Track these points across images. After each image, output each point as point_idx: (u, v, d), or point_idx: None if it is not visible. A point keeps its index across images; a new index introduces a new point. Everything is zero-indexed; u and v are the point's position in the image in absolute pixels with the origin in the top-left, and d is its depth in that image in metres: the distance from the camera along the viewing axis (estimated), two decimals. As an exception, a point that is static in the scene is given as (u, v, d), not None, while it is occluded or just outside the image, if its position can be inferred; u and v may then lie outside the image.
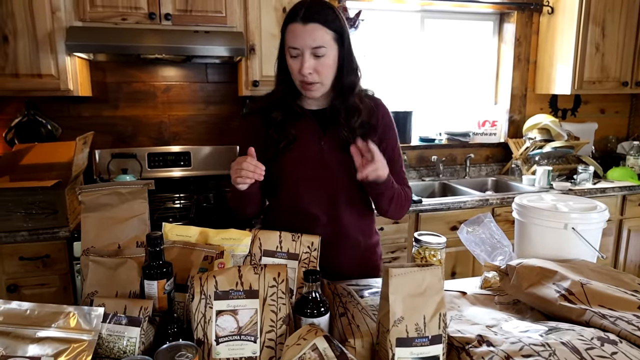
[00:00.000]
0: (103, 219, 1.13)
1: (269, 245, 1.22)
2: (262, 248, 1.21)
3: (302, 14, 1.26)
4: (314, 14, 1.27)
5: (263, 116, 1.43)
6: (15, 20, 2.17)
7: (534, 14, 3.35)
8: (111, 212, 1.14)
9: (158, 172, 2.75)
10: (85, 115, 2.70)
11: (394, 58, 3.25)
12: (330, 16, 1.29)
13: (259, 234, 1.22)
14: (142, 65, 2.74)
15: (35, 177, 2.13)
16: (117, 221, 1.13)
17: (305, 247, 1.22)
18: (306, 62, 1.28)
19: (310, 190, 1.43)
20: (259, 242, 1.21)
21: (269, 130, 1.41)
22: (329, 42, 1.29)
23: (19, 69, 2.22)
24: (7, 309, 0.93)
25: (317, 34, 1.27)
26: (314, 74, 1.31)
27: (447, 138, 3.38)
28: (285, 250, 1.21)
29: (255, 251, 1.21)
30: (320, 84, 1.34)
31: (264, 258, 1.21)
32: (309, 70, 1.29)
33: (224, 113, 2.91)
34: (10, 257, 2.06)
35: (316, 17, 1.27)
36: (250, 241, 1.21)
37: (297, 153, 1.41)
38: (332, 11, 1.30)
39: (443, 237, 1.40)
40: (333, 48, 1.31)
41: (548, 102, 3.55)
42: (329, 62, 1.31)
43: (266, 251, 1.21)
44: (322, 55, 1.29)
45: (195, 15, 2.37)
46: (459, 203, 2.63)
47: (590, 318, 0.98)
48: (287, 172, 1.43)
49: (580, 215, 1.33)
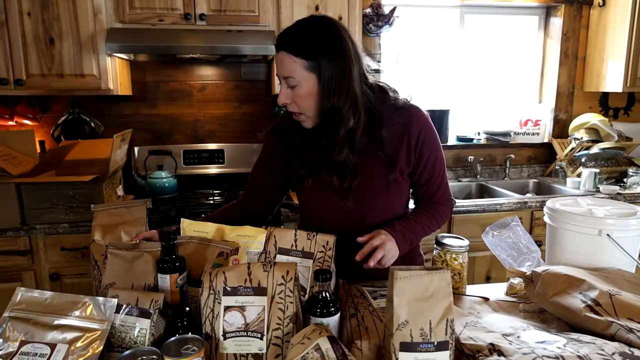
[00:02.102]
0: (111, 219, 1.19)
1: (284, 243, 1.21)
2: (277, 246, 1.21)
3: (277, 39, 1.17)
4: (284, 40, 1.16)
5: (282, 139, 1.34)
6: (60, 23, 2.28)
7: (584, 7, 3.18)
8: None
9: (193, 169, 2.81)
10: (125, 114, 2.80)
11: (431, 55, 3.18)
12: (304, 41, 1.14)
13: (275, 232, 1.22)
14: (179, 65, 2.81)
15: (78, 172, 2.23)
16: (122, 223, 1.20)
17: (320, 246, 1.21)
18: (281, 92, 1.19)
19: (336, 217, 1.33)
20: (274, 239, 1.22)
21: (287, 155, 1.33)
22: (299, 72, 1.15)
23: (64, 69, 2.32)
24: (29, 297, 0.97)
25: (285, 62, 1.16)
26: (293, 105, 1.21)
27: (486, 138, 3.27)
28: (300, 249, 1.21)
29: (270, 249, 1.21)
30: (303, 114, 1.22)
31: (279, 256, 1.21)
32: (284, 100, 1.20)
33: (257, 111, 2.94)
34: (53, 248, 2.17)
35: (284, 45, 1.15)
36: (266, 238, 1.21)
37: (319, 184, 1.31)
38: (310, 34, 1.15)
39: (466, 240, 1.36)
40: (306, 78, 1.16)
41: (598, 101, 3.37)
42: (302, 92, 1.17)
43: (281, 249, 1.21)
44: (293, 86, 1.17)
45: (229, 15, 2.41)
46: (494, 205, 2.54)
47: (616, 331, 0.92)
48: (309, 201, 1.40)
49: (616, 221, 1.25)
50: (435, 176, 1.36)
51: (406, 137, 1.28)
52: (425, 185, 1.37)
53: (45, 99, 2.66)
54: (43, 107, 2.68)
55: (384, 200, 1.32)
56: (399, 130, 1.27)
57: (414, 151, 1.29)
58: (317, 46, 1.14)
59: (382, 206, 1.33)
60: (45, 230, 2.13)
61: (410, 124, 1.28)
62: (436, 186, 1.38)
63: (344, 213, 1.31)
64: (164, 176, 2.59)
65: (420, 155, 1.31)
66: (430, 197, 1.40)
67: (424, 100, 3.12)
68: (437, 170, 1.35)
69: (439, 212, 1.38)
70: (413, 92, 1.32)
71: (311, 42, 1.14)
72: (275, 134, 1.38)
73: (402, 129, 1.27)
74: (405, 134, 1.27)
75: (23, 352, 0.89)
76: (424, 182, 1.36)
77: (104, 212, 1.30)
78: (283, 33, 1.18)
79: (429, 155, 1.32)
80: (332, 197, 1.30)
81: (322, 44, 1.14)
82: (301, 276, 1.18)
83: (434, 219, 1.36)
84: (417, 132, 1.28)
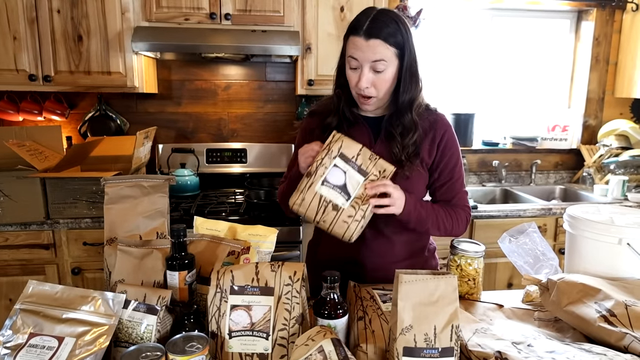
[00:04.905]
0: (125, 210, 1.18)
1: (348, 152, 1.21)
2: (341, 150, 1.21)
3: (365, 29, 1.23)
4: (377, 29, 1.23)
5: (320, 119, 1.42)
6: (89, 20, 2.33)
7: (616, 11, 3.09)
8: (133, 204, 1.19)
9: (215, 167, 2.84)
10: (150, 111, 2.85)
11: (458, 57, 3.13)
12: (394, 31, 1.24)
13: (345, 139, 1.22)
14: (204, 64, 2.84)
15: (102, 168, 2.28)
16: (138, 213, 1.18)
17: (378, 170, 1.20)
18: (364, 77, 1.26)
19: None
20: (340, 142, 1.21)
21: (323, 134, 1.37)
22: (390, 58, 1.25)
23: (91, 66, 2.38)
24: (40, 290, 0.99)
25: (378, 49, 1.23)
26: (371, 88, 1.28)
27: (512, 142, 3.20)
28: (359, 163, 1.20)
29: (334, 148, 1.21)
30: (376, 97, 1.31)
31: (337, 159, 1.21)
32: (366, 85, 1.27)
33: (280, 111, 2.95)
34: (75, 242, 2.22)
35: (379, 34, 1.23)
36: (331, 137, 1.23)
37: None
38: (396, 24, 1.25)
39: (482, 246, 1.33)
40: (393, 63, 1.27)
41: (629, 107, 3.26)
42: (387, 77, 1.27)
43: (342, 154, 1.21)
44: (381, 70, 1.26)
45: (254, 15, 2.43)
46: (518, 211, 2.48)
47: (629, 343, 0.89)
48: None
49: (637, 230, 1.20)
50: (455, 179, 1.40)
51: (431, 133, 1.37)
52: (444, 186, 1.40)
53: (73, 95, 2.73)
54: (71, 104, 2.75)
55: (403, 185, 1.31)
56: (426, 126, 1.37)
57: (436, 147, 1.38)
58: (406, 36, 1.27)
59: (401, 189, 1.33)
60: (68, 224, 2.18)
61: (437, 123, 1.38)
62: (455, 190, 1.40)
63: None
64: (186, 174, 2.63)
65: (442, 154, 1.38)
66: (448, 200, 1.41)
67: (450, 104, 3.08)
68: (457, 175, 1.41)
69: (455, 212, 1.39)
70: (438, 96, 1.42)
71: (403, 31, 1.26)
72: (312, 117, 1.48)
73: (429, 126, 1.37)
74: (431, 130, 1.37)
75: (31, 344, 0.90)
76: (443, 181, 1.39)
77: (115, 187, 1.23)
78: (373, 22, 1.24)
79: (450, 156, 1.39)
80: None
81: (407, 35, 1.27)
82: (349, 185, 1.20)
83: (449, 215, 1.37)
84: (442, 131, 1.38)
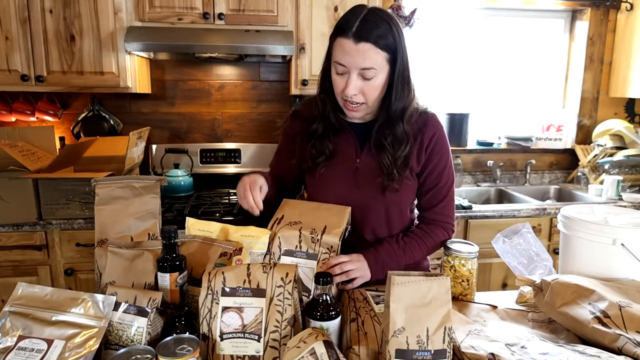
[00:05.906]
0: (116, 211, 1.16)
1: (289, 245, 1.20)
2: (282, 247, 1.20)
3: (355, 30, 1.13)
4: (367, 31, 1.13)
5: (303, 125, 1.36)
6: (81, 20, 2.32)
7: (610, 11, 3.10)
8: (124, 205, 1.17)
9: (209, 167, 2.83)
10: (144, 112, 2.83)
11: (452, 57, 3.13)
12: (385, 33, 1.14)
13: (279, 233, 1.21)
14: (198, 64, 2.83)
15: (95, 169, 2.26)
16: (129, 214, 1.17)
17: (325, 248, 1.19)
18: (351, 84, 1.17)
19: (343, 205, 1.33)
20: (278, 240, 1.20)
21: (308, 142, 1.35)
22: (380, 64, 1.16)
23: (84, 66, 2.36)
24: (29, 292, 0.98)
25: (368, 55, 1.14)
26: (359, 95, 1.20)
27: (506, 142, 3.20)
28: (304, 250, 1.20)
29: (275, 250, 1.20)
30: (365, 104, 1.23)
31: (283, 257, 1.20)
32: (354, 92, 1.19)
33: (274, 111, 2.95)
34: (68, 243, 2.20)
35: (368, 36, 1.12)
36: (269, 239, 1.20)
37: (332, 171, 1.35)
38: (387, 25, 1.15)
39: (475, 246, 1.33)
40: (384, 70, 1.18)
41: (624, 107, 3.27)
42: (377, 84, 1.19)
43: (286, 250, 1.20)
44: (370, 78, 1.17)
45: (248, 15, 2.42)
46: (512, 211, 2.48)
47: (623, 345, 0.88)
48: (321, 189, 1.39)
49: (631, 231, 1.20)
50: (441, 185, 1.35)
51: (419, 138, 1.31)
52: (429, 192, 1.36)
53: (66, 95, 2.71)
54: (64, 104, 2.73)
55: (389, 195, 1.31)
56: (415, 131, 1.30)
57: (424, 151, 1.32)
58: (399, 39, 1.17)
59: (387, 201, 1.32)
60: (60, 225, 2.16)
61: (426, 126, 1.31)
62: (440, 196, 1.36)
63: (350, 202, 1.32)
64: (180, 174, 2.61)
65: (429, 158, 1.33)
66: (432, 207, 1.37)
67: (445, 104, 3.08)
68: (444, 179, 1.35)
69: (431, 233, 1.36)
70: (432, 96, 1.38)
71: (395, 34, 1.16)
72: (295, 119, 1.41)
73: (417, 130, 1.30)
74: (419, 134, 1.31)
75: (20, 347, 0.89)
76: (429, 187, 1.35)
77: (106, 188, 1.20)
78: (363, 24, 1.14)
79: (438, 159, 1.33)
80: (341, 187, 1.35)
81: (399, 38, 1.18)
82: (305, 277, 1.17)
83: (423, 243, 1.35)
84: (430, 134, 1.31)
